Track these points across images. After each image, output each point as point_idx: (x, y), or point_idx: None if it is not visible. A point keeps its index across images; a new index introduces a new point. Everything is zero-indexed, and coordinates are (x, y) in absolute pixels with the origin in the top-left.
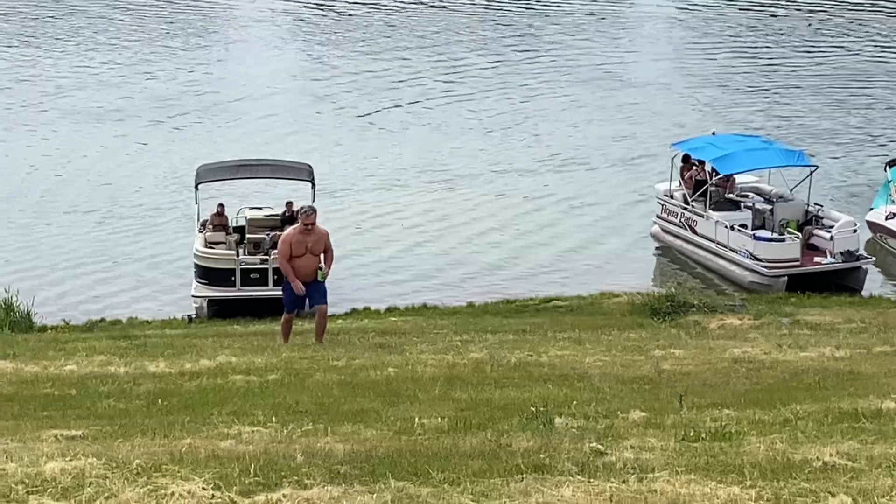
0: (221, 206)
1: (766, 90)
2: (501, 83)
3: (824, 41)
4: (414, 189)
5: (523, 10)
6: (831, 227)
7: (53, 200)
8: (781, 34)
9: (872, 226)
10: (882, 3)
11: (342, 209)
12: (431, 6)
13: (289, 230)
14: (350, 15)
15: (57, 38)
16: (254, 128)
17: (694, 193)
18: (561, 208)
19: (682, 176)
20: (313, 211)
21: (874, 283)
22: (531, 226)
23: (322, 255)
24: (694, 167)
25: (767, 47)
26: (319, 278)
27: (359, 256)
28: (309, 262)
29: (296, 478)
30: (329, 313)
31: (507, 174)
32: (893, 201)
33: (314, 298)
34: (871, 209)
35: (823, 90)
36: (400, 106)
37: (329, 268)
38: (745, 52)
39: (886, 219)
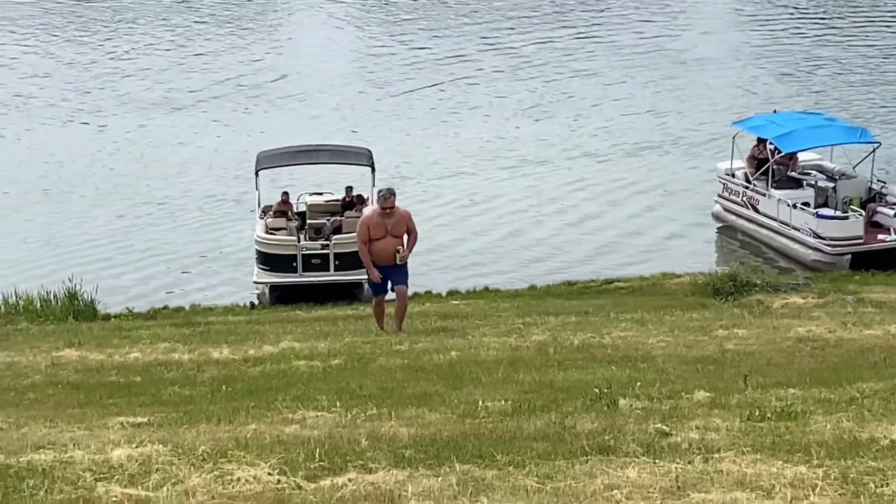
0: (286, 194)
1: (828, 66)
2: (559, 65)
3: (887, 14)
4: (473, 173)
5: None
6: (895, 204)
7: (113, 189)
8: (842, 7)
9: None
10: None
11: (402, 193)
12: None
13: (367, 212)
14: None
15: (114, 29)
16: (312, 113)
17: (756, 172)
18: (621, 190)
19: (749, 155)
20: (391, 193)
21: None
22: (591, 208)
23: (405, 237)
24: (757, 146)
25: (829, 21)
26: (398, 261)
27: (419, 240)
28: (389, 244)
29: (361, 462)
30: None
31: (567, 157)
32: None
33: (394, 280)
34: None
35: (887, 65)
36: (459, 89)
37: (410, 250)
38: (807, 26)
39: None
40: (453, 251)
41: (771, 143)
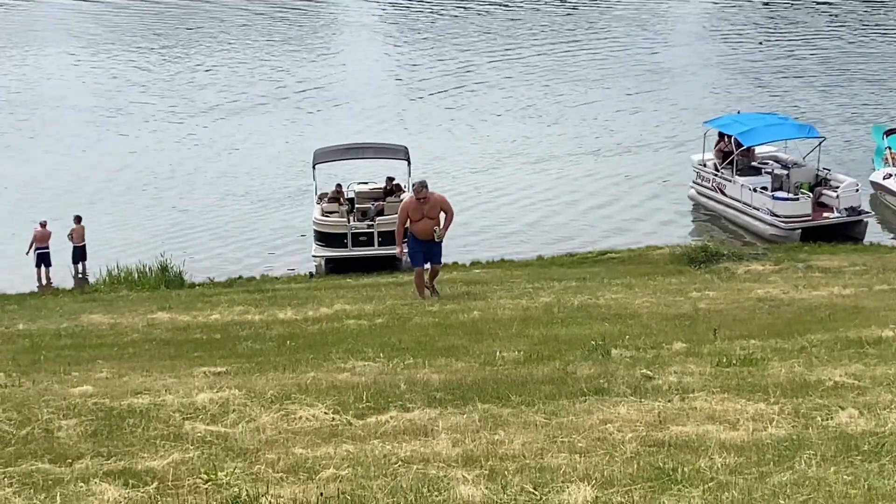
0: (339, 185)
1: (782, 72)
2: (561, 76)
3: (834, 26)
4: (493, 167)
5: (564, 8)
6: (837, 187)
7: (196, 181)
8: (795, 22)
9: (874, 185)
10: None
11: (434, 183)
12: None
13: (407, 198)
14: (433, 20)
15: (190, 47)
16: (358, 117)
17: (723, 162)
18: (613, 178)
19: (717, 147)
20: (423, 186)
21: (874, 233)
22: (589, 194)
23: (441, 218)
24: (723, 141)
25: (783, 33)
26: (435, 238)
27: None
28: (426, 224)
29: (400, 403)
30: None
31: (569, 154)
32: (887, 164)
33: (432, 257)
34: (874, 171)
35: (831, 70)
36: (478, 95)
37: (446, 229)
38: (764, 38)
39: (884, 179)
40: (476, 229)
41: (734, 138)
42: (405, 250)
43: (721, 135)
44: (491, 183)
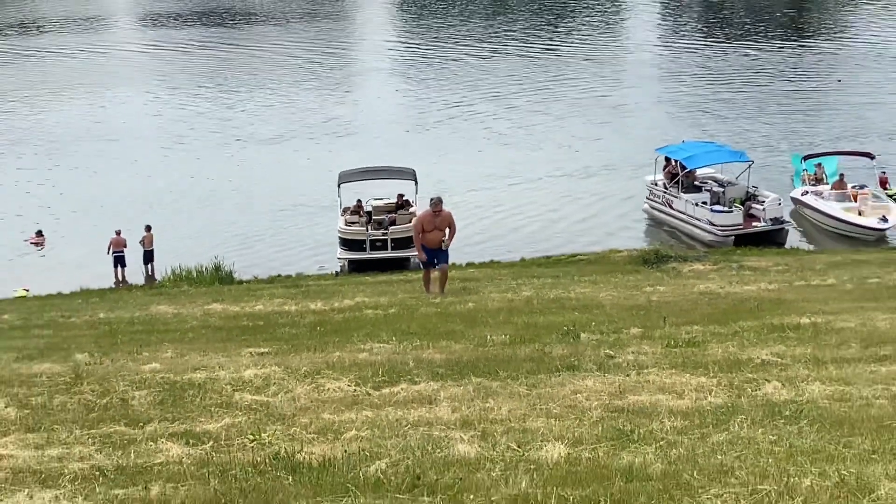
0: (360, 200)
1: (720, 108)
2: (535, 112)
3: (767, 64)
4: (482, 186)
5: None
6: (764, 201)
7: (244, 197)
8: (733, 65)
9: (794, 200)
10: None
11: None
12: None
13: (422, 212)
14: (435, 66)
15: (239, 86)
16: (374, 143)
17: (670, 182)
18: (583, 195)
19: (665, 170)
20: (440, 201)
21: (794, 239)
22: (563, 208)
23: (447, 230)
24: (671, 164)
25: (721, 72)
26: (443, 247)
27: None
28: (436, 235)
29: (409, 377)
30: None
31: (546, 174)
32: (804, 183)
33: (439, 261)
34: (794, 189)
35: (763, 104)
36: (470, 128)
37: (451, 240)
38: (705, 77)
39: (802, 195)
40: (470, 236)
41: (679, 162)
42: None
43: (668, 159)
44: (482, 199)
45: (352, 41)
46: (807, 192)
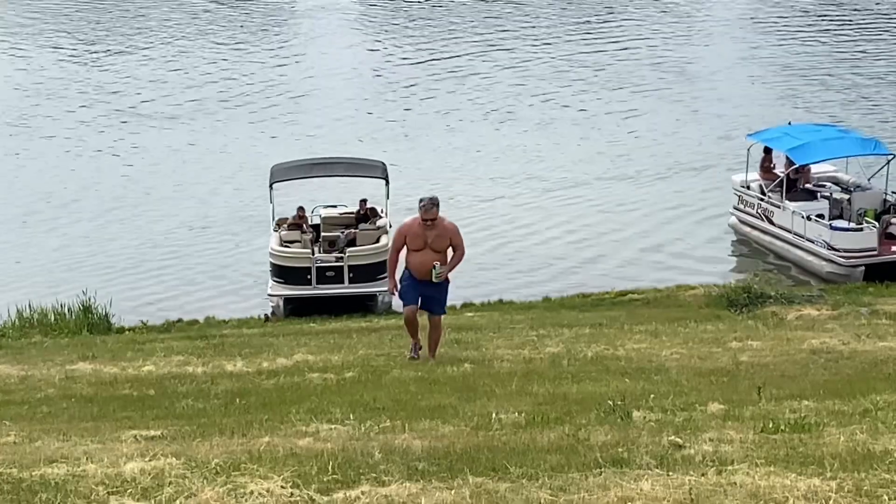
0: (301, 209)
1: (842, 78)
2: (566, 78)
3: None
4: (488, 188)
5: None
6: None
7: (125, 202)
8: (856, 21)
9: None
10: None
11: (415, 207)
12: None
13: (408, 220)
14: (407, 7)
15: (125, 40)
16: (325, 125)
17: (771, 184)
18: (636, 204)
19: (762, 167)
20: (434, 204)
21: None
22: (605, 221)
23: (449, 252)
24: (770, 158)
25: (842, 34)
26: (433, 279)
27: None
28: (427, 257)
29: (374, 475)
30: None
31: (582, 172)
32: None
33: (430, 305)
34: None
35: None
36: (469, 103)
37: (450, 268)
38: (818, 39)
39: None
40: (467, 263)
41: (784, 155)
42: (398, 287)
43: (768, 150)
44: (488, 208)
45: None
46: None
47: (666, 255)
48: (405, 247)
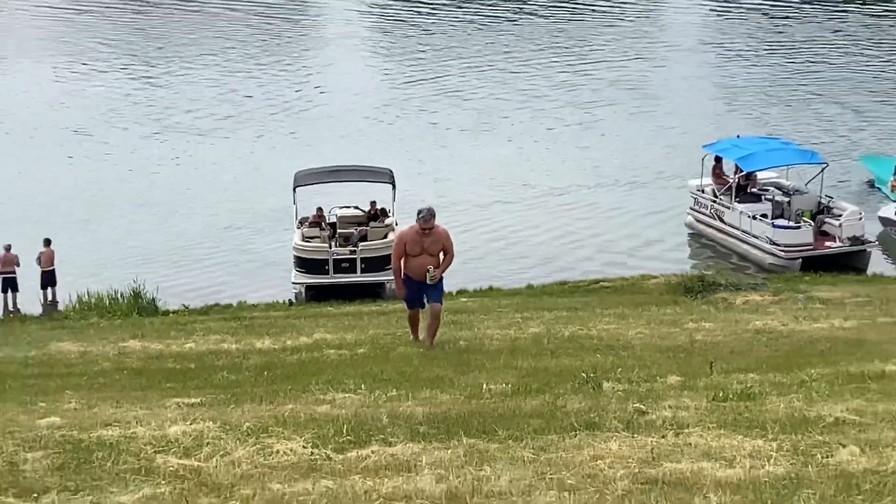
0: (320, 209)
1: (784, 96)
2: (556, 99)
3: (840, 48)
4: (479, 192)
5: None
6: (840, 215)
7: (172, 203)
8: (797, 46)
9: (885, 221)
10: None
11: (416, 207)
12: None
13: (406, 228)
14: (426, 33)
15: (164, 59)
16: (344, 136)
17: (721, 188)
18: (607, 205)
19: (714, 173)
20: (432, 215)
21: (878, 263)
22: (581, 220)
23: (441, 256)
24: (721, 166)
25: (785, 56)
26: (427, 281)
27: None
28: (424, 261)
29: (382, 436)
30: None
31: (560, 179)
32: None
33: (429, 296)
34: (882, 204)
35: (841, 94)
36: (468, 118)
37: (442, 270)
38: (763, 61)
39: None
40: (462, 256)
41: (733, 163)
42: (405, 293)
43: (719, 159)
44: (478, 208)
45: (315, 2)
46: None
47: (632, 249)
48: (405, 254)
